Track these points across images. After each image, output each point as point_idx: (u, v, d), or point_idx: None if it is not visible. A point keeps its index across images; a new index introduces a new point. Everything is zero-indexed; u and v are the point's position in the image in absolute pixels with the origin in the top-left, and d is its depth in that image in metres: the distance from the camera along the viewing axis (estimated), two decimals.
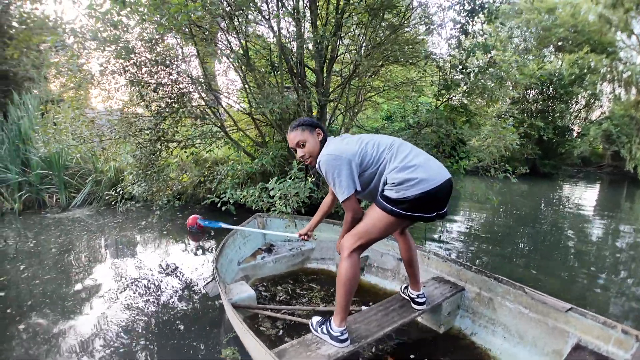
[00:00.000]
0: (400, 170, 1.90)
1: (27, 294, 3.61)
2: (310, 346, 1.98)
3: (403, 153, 1.97)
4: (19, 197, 7.46)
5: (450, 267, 2.86)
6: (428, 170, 1.90)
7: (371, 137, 2.09)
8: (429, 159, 2.00)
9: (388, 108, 7.34)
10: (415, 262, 2.43)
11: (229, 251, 3.47)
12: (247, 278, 3.46)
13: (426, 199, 1.87)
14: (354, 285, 2.00)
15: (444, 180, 1.91)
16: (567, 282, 3.88)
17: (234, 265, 3.48)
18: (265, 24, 4.52)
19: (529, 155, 13.06)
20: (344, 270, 1.97)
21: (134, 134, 4.50)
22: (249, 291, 2.81)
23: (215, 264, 2.87)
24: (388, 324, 2.20)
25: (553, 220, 6.98)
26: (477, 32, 5.04)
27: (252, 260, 3.69)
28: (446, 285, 2.71)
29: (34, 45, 4.20)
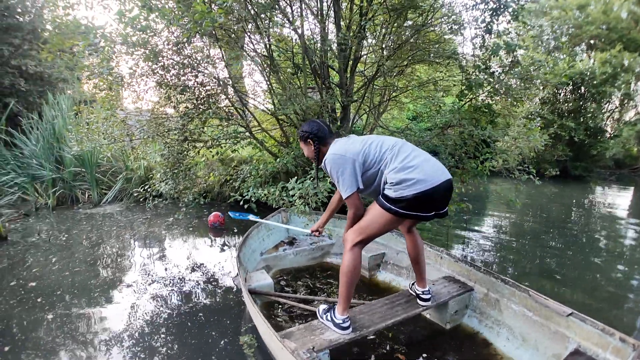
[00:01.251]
0: (398, 170, 2.00)
1: (57, 284, 3.80)
2: (315, 331, 2.14)
3: (404, 154, 2.05)
4: (52, 193, 7.82)
5: (461, 267, 2.90)
6: (426, 171, 1.98)
7: (376, 137, 2.20)
8: (428, 160, 2.08)
9: (414, 108, 7.27)
10: (421, 260, 2.51)
11: (252, 242, 3.68)
12: (268, 268, 3.65)
13: (423, 199, 1.96)
14: (355, 276, 2.13)
15: (441, 182, 1.99)
16: (594, 291, 3.76)
17: (256, 255, 3.69)
18: (289, 26, 4.58)
19: (559, 157, 12.65)
20: (346, 263, 2.12)
21: (161, 134, 4.66)
22: (267, 279, 2.99)
23: (237, 253, 3.08)
24: (391, 317, 2.31)
25: (583, 224, 6.75)
26: (501, 32, 4.94)
27: (274, 252, 3.90)
28: (455, 285, 2.76)
29: (67, 48, 4.39)
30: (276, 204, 3.93)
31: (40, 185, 8.03)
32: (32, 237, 5.61)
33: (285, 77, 4.93)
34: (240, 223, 5.88)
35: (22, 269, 4.29)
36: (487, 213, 7.30)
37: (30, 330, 2.93)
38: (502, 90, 4.89)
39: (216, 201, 7.19)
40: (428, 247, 3.20)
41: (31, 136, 8.44)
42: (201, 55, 4.52)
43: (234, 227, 5.74)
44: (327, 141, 2.30)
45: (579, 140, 12.31)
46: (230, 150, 5.17)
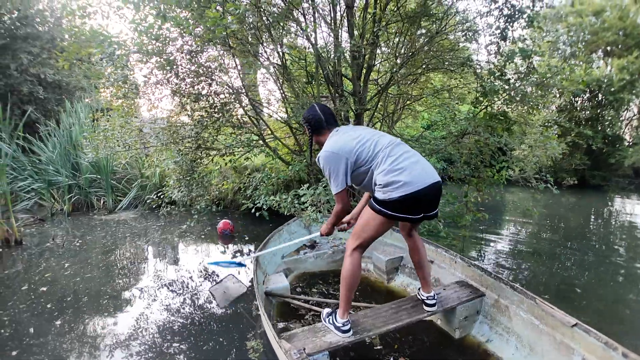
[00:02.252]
0: (387, 173, 2.03)
1: (68, 290, 3.82)
2: (317, 333, 2.21)
3: (394, 155, 2.07)
4: (68, 199, 7.95)
5: (474, 272, 2.86)
6: (413, 173, 2.01)
7: (371, 135, 2.19)
8: (417, 162, 2.09)
9: (428, 117, 7.21)
10: (424, 264, 2.48)
11: (273, 245, 3.70)
12: (289, 271, 3.77)
13: (409, 201, 2.00)
14: (355, 281, 2.19)
15: (427, 185, 2.01)
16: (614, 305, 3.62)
17: (277, 258, 3.80)
18: (302, 35, 4.58)
19: (577, 166, 12.37)
20: (346, 267, 2.18)
21: (175, 141, 4.69)
22: (284, 282, 3.13)
23: (256, 256, 3.14)
24: (394, 321, 2.32)
25: (602, 235, 6.55)
26: (516, 38, 4.87)
27: (295, 255, 3.97)
28: (466, 290, 2.70)
29: (85, 57, 4.46)
30: (288, 212, 3.91)
31: (56, 191, 8.17)
32: (47, 242, 5.70)
33: (299, 85, 4.93)
34: (252, 231, 5.88)
35: (34, 273, 4.34)
36: (504, 223, 7.15)
37: (38, 336, 2.95)
38: (518, 97, 4.80)
39: (229, 209, 7.23)
40: (443, 252, 3.17)
41: (48, 143, 8.61)
42: (215, 64, 4.55)
43: (245, 235, 5.73)
44: (323, 131, 2.28)
45: (597, 148, 12.02)
46: (243, 158, 5.18)
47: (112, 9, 4.59)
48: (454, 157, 5.08)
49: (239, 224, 6.35)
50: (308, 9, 4.59)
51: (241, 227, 6.17)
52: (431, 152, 5.16)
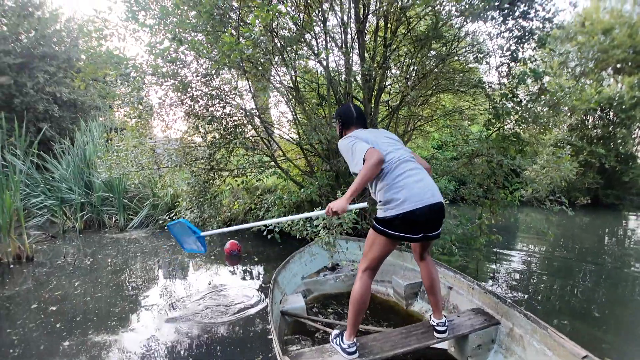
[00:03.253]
0: (388, 189, 2.08)
1: (78, 309, 3.80)
2: (324, 354, 2.23)
3: (399, 171, 2.11)
4: (80, 216, 8.03)
5: (490, 299, 2.80)
6: (413, 192, 2.05)
7: (389, 143, 2.24)
8: (420, 180, 2.12)
9: (439, 137, 7.21)
10: (436, 290, 2.45)
11: (293, 266, 3.84)
12: (308, 292, 3.79)
13: (407, 220, 2.03)
14: (363, 305, 2.18)
15: (426, 204, 2.04)
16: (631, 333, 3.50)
17: (297, 279, 3.83)
18: (314, 59, 4.65)
19: (590, 185, 12.22)
20: (355, 290, 2.19)
21: (189, 163, 4.73)
22: (300, 302, 3.17)
23: (275, 276, 3.23)
24: (402, 346, 2.29)
25: (617, 256, 6.40)
26: (527, 59, 4.88)
27: (315, 277, 4.00)
28: (481, 317, 2.64)
29: (100, 77, 4.56)
30: (300, 235, 3.90)
31: (68, 209, 8.26)
32: (58, 259, 5.72)
33: (310, 107, 4.97)
34: (262, 252, 5.84)
35: (45, 291, 4.34)
36: (517, 244, 7.01)
37: (47, 356, 2.91)
38: (531, 119, 4.79)
39: (240, 230, 7.15)
40: (461, 278, 3.14)
41: (62, 161, 8.76)
42: (229, 87, 4.62)
43: (254, 256, 5.69)
44: (351, 127, 2.40)
45: (610, 167, 11.90)
46: (255, 179, 5.21)
47: (129, 31, 4.70)
48: (467, 179, 5.04)
49: (249, 244, 6.31)
50: (320, 33, 4.66)
51: (251, 248, 6.13)
52: (443, 173, 5.13)
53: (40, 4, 11.56)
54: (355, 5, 4.71)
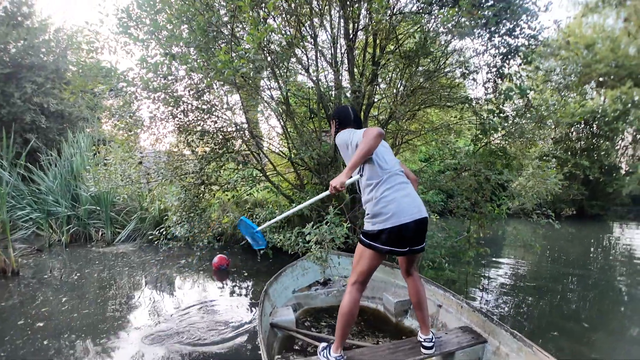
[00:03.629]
0: (377, 202, 2.14)
1: (65, 326, 3.73)
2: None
3: (388, 184, 2.18)
4: (67, 230, 7.89)
5: (478, 317, 2.83)
6: (400, 207, 2.11)
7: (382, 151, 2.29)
8: (408, 195, 2.19)
9: (426, 150, 7.32)
10: (423, 306, 2.46)
11: (285, 279, 3.87)
12: (299, 305, 3.80)
13: (395, 234, 2.09)
14: (350, 318, 2.22)
15: (412, 220, 2.11)
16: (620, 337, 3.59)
17: (288, 292, 3.86)
18: (305, 74, 4.71)
19: (575, 196, 12.47)
20: (344, 303, 2.22)
21: (179, 177, 4.71)
22: (290, 315, 3.20)
23: (266, 288, 3.26)
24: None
25: (603, 265, 6.53)
26: (513, 75, 5.01)
27: (307, 291, 4.02)
28: (468, 336, 2.67)
29: (88, 89, 4.55)
30: (292, 250, 3.90)
31: (55, 222, 8.11)
32: (44, 273, 5.62)
33: (300, 121, 5.01)
34: (252, 267, 5.81)
35: (31, 307, 4.26)
36: (505, 256, 7.11)
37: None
38: (517, 133, 4.89)
39: (229, 243, 7.16)
40: (451, 296, 3.16)
41: (49, 172, 8.62)
42: (219, 102, 4.64)
43: (244, 271, 5.66)
44: (348, 126, 2.47)
45: (594, 178, 12.17)
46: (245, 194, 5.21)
47: (120, 44, 4.69)
48: (454, 192, 5.11)
49: (238, 259, 6.28)
50: (310, 49, 4.72)
51: (240, 262, 6.10)
52: (431, 187, 5.20)
53: (30, 14, 11.47)
54: (345, 22, 4.79)
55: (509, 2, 4.46)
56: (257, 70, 3.75)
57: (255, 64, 3.45)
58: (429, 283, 3.39)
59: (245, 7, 3.27)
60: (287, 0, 4.31)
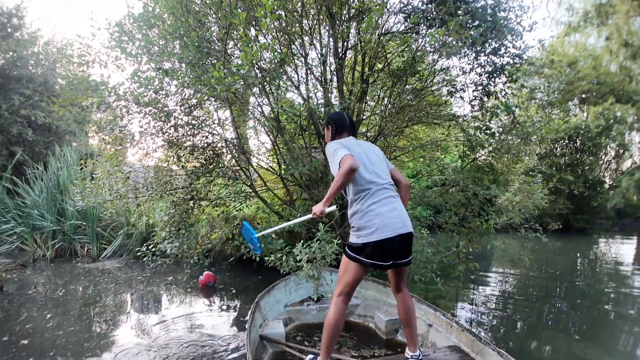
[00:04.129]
0: (362, 216, 2.16)
1: (49, 344, 3.64)
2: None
3: (376, 198, 2.18)
4: (52, 245, 7.74)
5: (467, 337, 2.84)
6: (385, 221, 2.12)
7: (370, 159, 2.30)
8: (393, 209, 2.19)
9: (414, 166, 7.41)
10: (412, 323, 2.45)
11: (277, 293, 3.89)
12: (290, 320, 3.81)
13: (379, 248, 2.10)
14: (336, 329, 2.22)
15: (397, 234, 2.12)
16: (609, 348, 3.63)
17: (280, 306, 3.87)
18: (295, 91, 4.76)
19: (561, 211, 12.67)
20: (329, 315, 2.23)
21: (169, 192, 4.68)
22: (280, 329, 3.22)
23: (257, 300, 3.31)
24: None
25: (590, 278, 6.64)
26: (498, 93, 5.13)
27: (299, 306, 4.02)
28: (456, 355, 2.67)
29: (77, 103, 4.53)
30: (283, 270, 3.90)
31: (40, 236, 7.96)
32: (29, 289, 5.49)
33: (290, 137, 5.05)
34: (241, 284, 5.75)
35: (15, 323, 4.16)
36: (494, 271, 7.16)
37: None
38: (503, 150, 4.99)
39: (217, 260, 7.06)
40: (441, 315, 3.17)
41: (35, 186, 8.48)
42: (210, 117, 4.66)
43: (232, 288, 5.59)
44: (343, 132, 2.48)
45: (579, 192, 12.41)
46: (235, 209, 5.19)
47: (111, 58, 4.69)
48: (442, 208, 5.17)
49: (226, 275, 6.20)
50: (300, 67, 4.80)
51: (228, 279, 6.03)
52: (420, 203, 5.25)
53: (20, 26, 11.43)
54: (335, 41, 4.88)
55: (494, 22, 4.60)
56: (248, 86, 3.79)
57: (247, 80, 3.48)
58: (420, 302, 3.40)
59: (239, 25, 3.32)
60: (279, 19, 4.38)
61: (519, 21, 4.85)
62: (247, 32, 3.47)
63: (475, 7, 4.57)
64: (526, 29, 4.87)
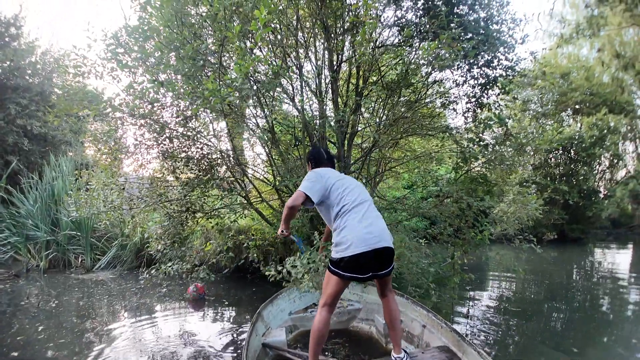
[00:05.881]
0: (339, 232, 2.33)
1: (39, 357, 3.61)
2: None
3: (353, 214, 2.35)
4: (45, 255, 7.69)
5: (454, 337, 2.95)
6: (360, 236, 2.26)
7: (344, 184, 2.51)
8: (370, 224, 2.33)
9: (409, 177, 7.45)
10: (396, 326, 2.58)
11: (281, 302, 4.01)
12: (294, 327, 3.92)
13: (354, 263, 2.25)
14: (321, 336, 2.39)
15: (372, 249, 2.25)
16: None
17: (284, 314, 3.98)
18: (290, 103, 4.80)
19: (556, 221, 12.71)
20: (314, 323, 2.39)
21: (163, 204, 4.68)
22: (281, 337, 3.37)
23: (260, 309, 3.45)
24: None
25: (586, 288, 6.65)
26: (491, 104, 5.19)
27: (302, 313, 4.11)
28: (443, 355, 2.77)
29: (72, 113, 4.54)
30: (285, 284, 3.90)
31: (33, 246, 7.90)
32: (21, 300, 5.45)
33: (285, 148, 5.07)
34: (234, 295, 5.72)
35: (7, 335, 4.13)
36: (490, 282, 7.16)
37: None
38: (497, 161, 5.03)
39: (212, 271, 6.88)
40: (433, 316, 3.31)
41: (29, 196, 8.44)
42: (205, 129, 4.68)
43: (224, 300, 5.55)
44: (321, 165, 2.74)
45: (574, 202, 12.45)
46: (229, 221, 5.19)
47: (106, 69, 4.70)
48: (437, 219, 5.19)
49: (220, 287, 6.15)
50: (295, 79, 4.83)
51: (222, 291, 5.98)
52: (415, 214, 5.27)
53: (17, 35, 11.47)
54: (329, 54, 4.93)
55: (487, 35, 4.67)
56: (243, 98, 3.82)
57: (242, 92, 3.51)
58: (415, 304, 3.58)
59: (233, 38, 3.36)
60: (274, 31, 4.43)
61: (511, 34, 4.92)
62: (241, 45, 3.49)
63: (468, 20, 4.64)
64: (518, 41, 4.94)
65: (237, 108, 4.45)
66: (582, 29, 14.31)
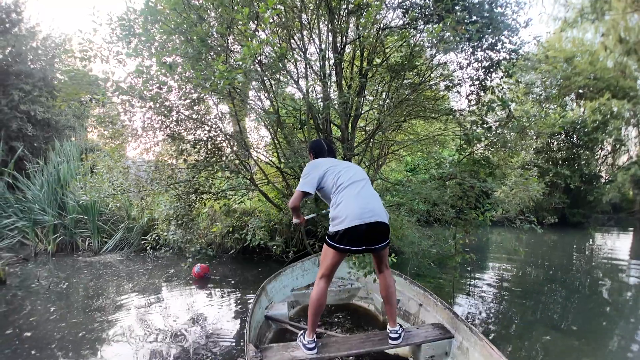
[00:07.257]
0: (336, 207, 2.46)
1: (52, 336, 3.71)
2: (289, 349, 2.58)
3: (347, 191, 2.49)
4: (53, 239, 7.80)
5: (447, 314, 3.05)
6: (353, 210, 2.38)
7: (339, 168, 2.66)
8: (364, 200, 2.46)
9: (411, 160, 7.49)
10: (392, 301, 2.71)
11: (285, 278, 4.17)
12: (296, 303, 4.11)
13: (347, 235, 2.38)
14: (319, 307, 2.53)
15: (365, 222, 2.37)
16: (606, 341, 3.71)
17: (287, 290, 4.15)
18: (294, 85, 4.83)
19: (557, 205, 12.77)
20: (313, 294, 2.53)
21: (172, 185, 4.75)
22: (283, 310, 3.53)
23: (264, 284, 3.62)
24: (357, 348, 2.61)
25: (585, 271, 6.73)
26: (495, 87, 5.20)
27: (304, 290, 4.29)
28: (436, 331, 2.88)
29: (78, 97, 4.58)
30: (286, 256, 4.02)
31: (41, 231, 8.01)
32: (31, 282, 5.55)
33: (289, 131, 5.12)
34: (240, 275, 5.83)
35: (19, 316, 4.23)
36: (490, 263, 7.27)
37: None
38: (500, 143, 5.08)
39: (218, 252, 7.02)
40: (429, 295, 3.42)
41: (35, 181, 8.52)
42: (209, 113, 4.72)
43: (231, 279, 5.67)
44: (321, 156, 2.89)
45: (575, 187, 12.49)
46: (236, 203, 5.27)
47: (112, 53, 4.71)
48: (439, 200, 5.25)
49: (227, 268, 6.25)
50: (300, 61, 4.86)
51: (229, 271, 6.08)
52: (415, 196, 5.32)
53: (18, 21, 11.40)
54: (334, 36, 4.94)
55: (491, 19, 4.67)
56: (249, 80, 3.85)
57: (248, 75, 3.54)
58: (413, 284, 3.70)
59: (243, 20, 3.37)
60: (279, 14, 4.44)
61: (515, 17, 4.91)
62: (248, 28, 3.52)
63: (472, 3, 4.63)
64: (522, 25, 4.94)
65: (240, 90, 4.48)
66: (586, 13, 14.17)
